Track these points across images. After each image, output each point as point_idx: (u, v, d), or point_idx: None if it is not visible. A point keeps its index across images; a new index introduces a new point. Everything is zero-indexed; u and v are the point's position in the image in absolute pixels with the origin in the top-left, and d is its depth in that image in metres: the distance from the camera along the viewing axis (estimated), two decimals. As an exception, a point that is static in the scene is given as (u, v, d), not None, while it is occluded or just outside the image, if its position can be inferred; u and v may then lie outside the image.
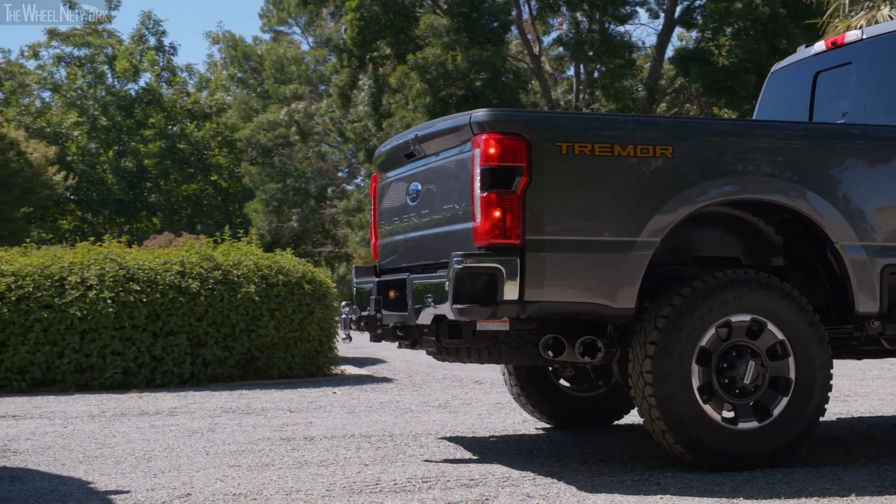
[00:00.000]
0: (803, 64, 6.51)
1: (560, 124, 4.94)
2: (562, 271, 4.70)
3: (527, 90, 30.98)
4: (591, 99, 30.94)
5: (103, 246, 10.36)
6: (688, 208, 4.82)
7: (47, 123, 45.82)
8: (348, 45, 29.41)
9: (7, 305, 9.22)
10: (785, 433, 4.91)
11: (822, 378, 4.97)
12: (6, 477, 4.98)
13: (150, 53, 47.32)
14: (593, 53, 29.37)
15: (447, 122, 5.18)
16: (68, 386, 9.29)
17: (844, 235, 5.05)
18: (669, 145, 4.86)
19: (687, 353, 4.77)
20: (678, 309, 4.77)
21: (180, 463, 5.31)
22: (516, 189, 4.63)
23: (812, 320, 4.98)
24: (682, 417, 4.76)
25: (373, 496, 4.42)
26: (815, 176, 5.06)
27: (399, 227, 5.81)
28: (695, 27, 29.06)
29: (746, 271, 4.97)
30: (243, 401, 8.31)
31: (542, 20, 31.41)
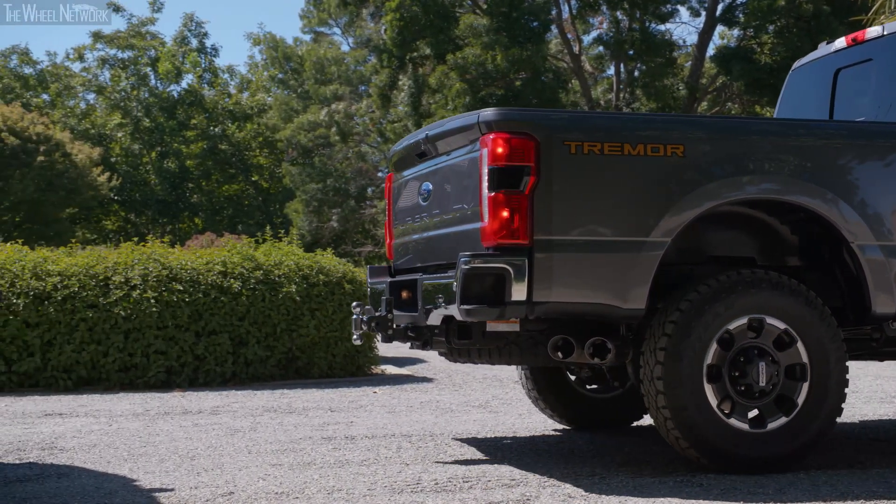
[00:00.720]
0: (824, 61, 6.42)
1: (569, 123, 4.90)
2: (570, 272, 4.66)
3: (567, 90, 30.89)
4: (631, 98, 30.78)
5: (147, 246, 10.47)
6: (699, 208, 4.76)
7: (92, 125, 46.38)
8: (388, 46, 29.49)
9: (53, 305, 9.34)
10: (807, 429, 4.83)
11: (837, 372, 4.88)
12: (53, 474, 5.06)
13: (192, 55, 47.74)
14: (633, 52, 29.23)
15: (456, 121, 5.14)
16: (113, 385, 9.40)
17: (861, 235, 4.96)
18: (681, 144, 4.80)
19: (697, 357, 4.71)
20: (687, 314, 4.71)
21: (223, 461, 5.35)
22: (524, 189, 4.59)
23: (822, 314, 4.88)
24: (694, 421, 4.70)
25: (414, 496, 4.43)
26: (831, 175, 4.99)
27: (412, 227, 5.79)
28: (736, 25, 28.83)
29: (754, 272, 4.88)
30: (284, 400, 8.36)
31: (582, 19, 31.31)
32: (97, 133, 45.49)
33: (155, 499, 4.41)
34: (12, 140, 31.06)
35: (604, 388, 6.47)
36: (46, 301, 9.37)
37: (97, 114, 47.49)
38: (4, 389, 9.15)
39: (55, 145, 32.72)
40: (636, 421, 6.64)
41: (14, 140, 31.12)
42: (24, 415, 7.53)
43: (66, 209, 34.20)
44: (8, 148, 30.94)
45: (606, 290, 4.68)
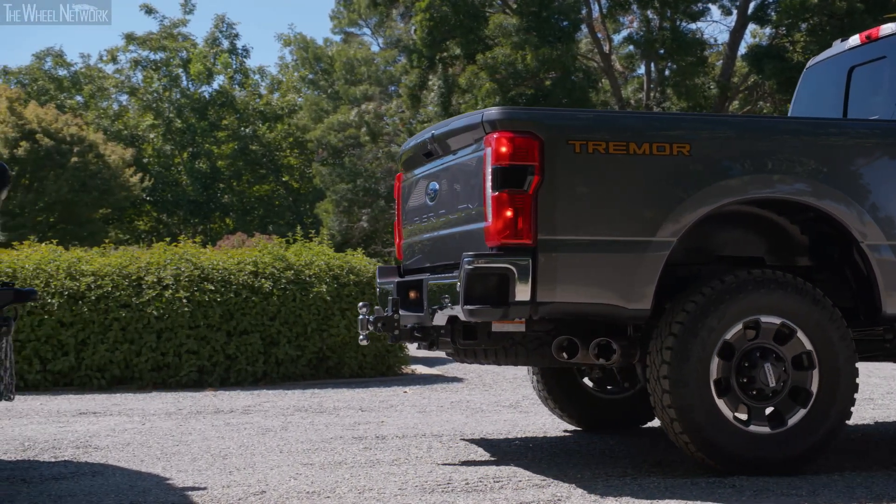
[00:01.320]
0: (838, 59, 6.34)
1: (573, 122, 4.88)
2: (575, 272, 4.62)
3: (597, 89, 30.79)
4: (661, 97, 30.63)
5: (179, 246, 10.54)
6: (706, 207, 4.72)
7: (124, 126, 46.75)
8: (418, 46, 29.52)
9: (87, 305, 9.43)
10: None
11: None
12: (88, 472, 5.10)
13: (223, 56, 48.01)
14: (664, 51, 29.08)
15: (461, 120, 5.12)
16: (146, 384, 9.47)
17: (871, 235, 4.90)
18: (687, 143, 4.76)
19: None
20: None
21: (255, 461, 5.38)
22: (528, 188, 4.56)
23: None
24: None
25: (444, 495, 4.43)
26: (840, 174, 4.93)
27: (420, 227, 5.77)
28: (769, 23, 28.60)
29: (765, 271, 4.83)
30: (315, 399, 8.39)
31: (612, 18, 31.19)
32: (130, 134, 45.85)
33: (188, 497, 4.44)
34: (47, 141, 31.37)
35: (614, 389, 6.42)
36: (80, 301, 9.46)
37: (130, 115, 47.86)
38: (39, 388, 9.25)
39: (88, 146, 33.02)
40: (648, 422, 6.59)
41: (48, 141, 31.44)
42: (58, 413, 7.61)
43: (99, 209, 34.49)
44: (42, 149, 31.26)
45: (611, 291, 4.65)
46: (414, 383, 9.95)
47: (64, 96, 48.15)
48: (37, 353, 9.32)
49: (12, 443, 6.11)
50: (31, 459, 5.53)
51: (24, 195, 31.09)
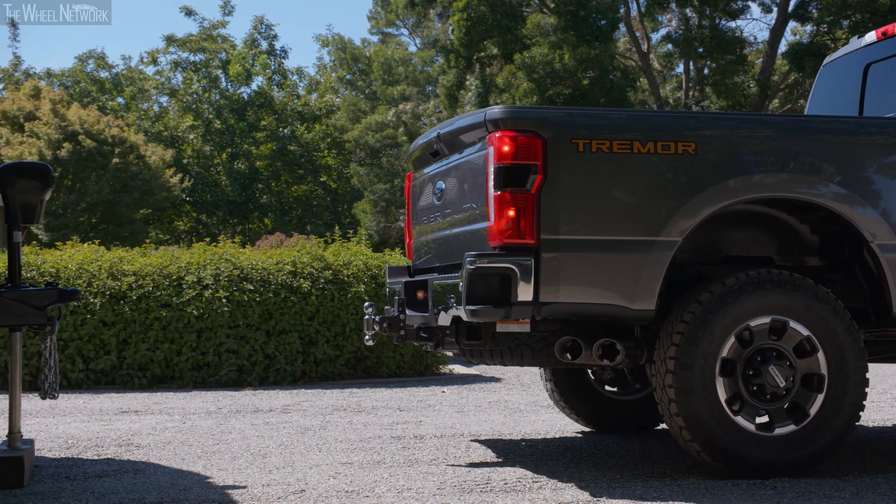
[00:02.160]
0: (854, 56, 6.24)
1: (576, 121, 4.82)
2: (578, 272, 4.58)
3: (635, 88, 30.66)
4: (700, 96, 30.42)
5: (218, 247, 10.62)
6: (711, 207, 4.66)
7: (165, 127, 47.19)
8: (455, 46, 29.54)
9: (129, 304, 9.53)
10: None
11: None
12: (130, 470, 5.16)
13: (262, 57, 48.31)
14: (703, 50, 28.88)
15: (466, 119, 5.09)
16: (186, 383, 9.55)
17: (881, 234, 4.82)
18: (692, 141, 4.70)
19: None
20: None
21: (294, 459, 5.41)
22: (531, 188, 4.53)
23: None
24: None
25: (483, 495, 4.43)
26: (849, 172, 4.85)
27: (428, 226, 5.75)
28: (809, 21, 28.31)
29: (770, 271, 4.77)
30: (354, 399, 8.42)
31: (650, 17, 31.02)
32: (170, 135, 46.27)
33: (228, 496, 4.48)
34: (89, 142, 31.74)
35: (626, 389, 6.37)
36: (122, 300, 9.56)
37: (170, 116, 48.30)
38: (82, 386, 9.37)
39: (129, 147, 33.37)
40: (661, 424, 6.53)
41: (90, 142, 31.80)
42: (101, 412, 7.70)
43: (139, 210, 34.82)
44: (85, 150, 31.63)
45: (615, 291, 4.61)
46: (452, 383, 9.96)
47: (106, 98, 48.71)
48: (80, 351, 9.44)
49: (56, 440, 6.19)
50: (75, 457, 5.60)
51: (66, 196, 31.48)
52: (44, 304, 4.79)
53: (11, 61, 49.83)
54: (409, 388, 9.36)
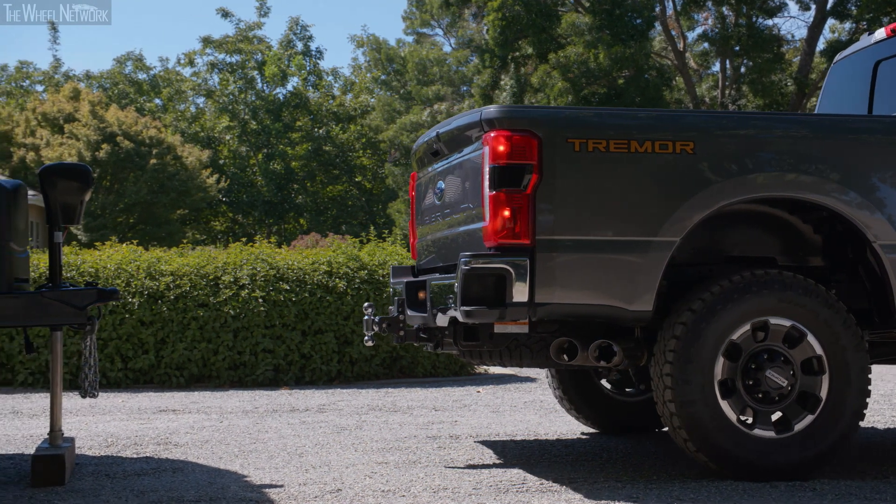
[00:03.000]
0: (864, 53, 6.14)
1: (573, 120, 4.76)
2: (574, 272, 4.53)
3: (671, 87, 30.50)
4: (737, 95, 30.21)
5: (255, 247, 10.69)
6: (710, 207, 4.60)
7: (201, 128, 47.57)
8: (490, 46, 29.54)
9: (166, 304, 9.61)
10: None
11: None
12: (169, 469, 5.21)
13: (297, 58, 48.58)
14: (740, 48, 28.69)
15: (463, 118, 5.04)
16: (223, 382, 9.62)
17: (884, 234, 4.73)
18: (690, 140, 4.63)
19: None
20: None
21: (330, 459, 5.44)
22: (526, 188, 4.48)
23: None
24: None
25: (519, 495, 4.43)
26: (852, 172, 4.76)
27: (430, 226, 5.72)
28: (848, 18, 28.04)
29: (768, 272, 4.71)
30: (389, 399, 8.44)
31: (686, 15, 30.85)
32: (206, 136, 46.64)
33: (265, 494, 4.51)
34: (127, 144, 32.07)
35: (632, 391, 6.32)
36: (160, 300, 9.65)
37: (206, 117, 48.69)
38: (121, 385, 9.46)
39: (167, 148, 33.69)
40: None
41: (129, 144, 32.13)
42: (139, 410, 7.77)
43: (176, 210, 35.14)
44: (123, 151, 31.96)
45: (612, 292, 4.55)
46: (487, 383, 9.96)
47: (143, 99, 49.20)
48: (118, 351, 9.53)
49: (96, 438, 6.26)
50: (115, 455, 5.66)
51: (105, 197, 31.83)
52: (84, 304, 4.83)
53: (52, 64, 50.51)
54: (445, 388, 9.37)
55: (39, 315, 4.82)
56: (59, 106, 34.39)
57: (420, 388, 9.42)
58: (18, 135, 33.88)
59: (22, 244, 5.08)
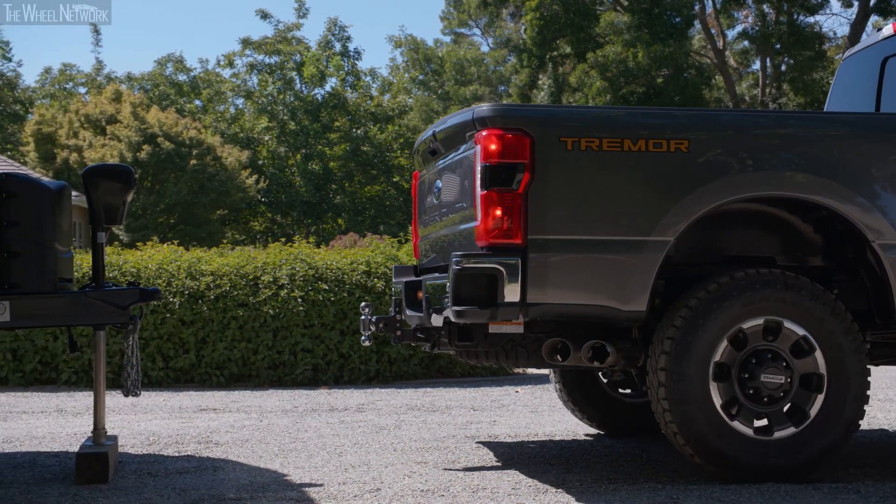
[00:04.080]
0: (872, 50, 6.04)
1: (565, 119, 4.72)
2: (567, 272, 4.48)
3: (710, 86, 30.28)
4: (777, 93, 29.94)
5: (294, 247, 10.75)
6: (705, 206, 4.54)
7: (240, 129, 47.90)
8: (528, 45, 29.50)
9: (206, 304, 9.69)
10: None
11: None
12: (209, 467, 5.25)
13: (335, 59, 48.78)
14: (780, 46, 28.42)
15: (457, 117, 5.01)
16: (262, 381, 9.68)
17: (884, 234, 4.66)
18: (685, 139, 4.58)
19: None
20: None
21: (369, 458, 5.46)
22: (518, 187, 4.44)
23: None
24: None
25: (558, 496, 4.42)
26: (849, 170, 4.68)
27: (430, 226, 5.70)
28: (892, 14, 27.67)
29: (759, 271, 4.65)
30: (427, 398, 8.46)
31: (726, 14, 30.61)
32: (245, 137, 46.96)
33: (305, 493, 4.53)
34: (167, 144, 32.38)
35: (636, 391, 6.26)
36: (200, 300, 9.73)
37: (245, 118, 49.02)
38: (162, 384, 9.55)
39: (206, 149, 33.96)
40: None
41: (169, 144, 32.43)
42: (180, 409, 7.84)
43: (216, 210, 35.42)
44: (163, 152, 32.27)
45: (605, 292, 4.51)
46: (525, 382, 9.94)
47: (184, 101, 49.62)
48: (160, 350, 9.62)
49: (138, 437, 6.32)
50: (156, 454, 5.72)
51: (146, 197, 32.15)
52: (126, 304, 4.88)
53: (94, 66, 51.10)
54: (483, 388, 9.36)
55: (83, 314, 4.88)
56: (101, 107, 34.78)
57: (458, 387, 9.43)
58: (62, 136, 34.30)
59: (66, 244, 5.15)
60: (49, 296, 4.80)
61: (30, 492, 4.63)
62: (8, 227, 4.72)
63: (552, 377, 6.39)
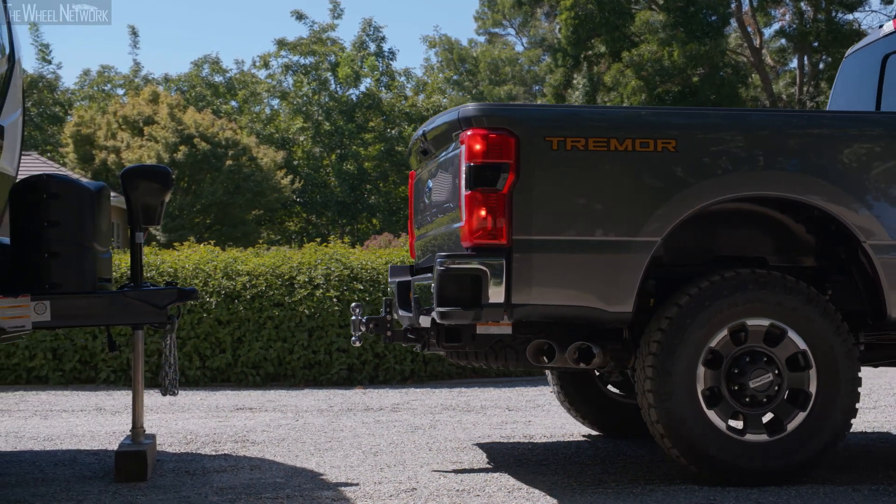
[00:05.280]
0: (873, 47, 5.95)
1: (550, 118, 4.66)
2: (552, 273, 4.44)
3: (747, 85, 30.05)
4: (815, 92, 29.65)
5: (329, 247, 10.79)
6: (692, 206, 4.49)
7: (276, 129, 48.16)
8: (563, 45, 29.43)
9: (243, 304, 9.75)
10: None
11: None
12: (246, 466, 5.29)
13: (370, 59, 48.92)
14: (818, 44, 28.15)
15: (443, 117, 4.96)
16: (298, 381, 9.73)
17: (875, 234, 4.59)
18: (672, 138, 4.53)
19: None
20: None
21: (405, 458, 5.47)
22: (502, 187, 4.40)
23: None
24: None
25: (595, 497, 4.41)
26: (838, 169, 4.61)
27: (423, 226, 5.68)
28: (932, 11, 27.30)
29: (753, 271, 4.60)
30: (462, 398, 8.46)
31: (762, 11, 30.37)
32: (280, 137, 47.20)
33: (341, 493, 4.55)
34: (204, 145, 32.61)
35: (631, 392, 6.20)
36: (236, 300, 9.79)
37: (281, 118, 49.29)
38: (199, 384, 9.62)
39: (242, 149, 34.18)
40: None
41: (205, 145, 32.67)
42: (217, 408, 7.90)
43: (252, 211, 35.62)
44: (200, 153, 32.51)
45: (590, 293, 4.47)
46: (560, 384, 9.91)
47: (220, 102, 49.96)
48: (196, 349, 9.70)
49: (176, 436, 6.38)
50: (194, 452, 5.76)
51: (182, 198, 32.41)
52: (164, 303, 4.93)
53: (132, 68, 51.57)
54: (518, 388, 9.35)
55: (122, 314, 4.92)
56: (138, 109, 35.10)
57: (493, 387, 9.42)
58: (100, 137, 34.66)
59: (105, 245, 5.20)
60: (89, 296, 4.85)
61: (70, 489, 4.68)
62: (48, 227, 4.78)
63: (549, 379, 6.36)
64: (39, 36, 49.02)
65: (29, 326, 4.67)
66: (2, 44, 4.89)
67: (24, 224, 4.81)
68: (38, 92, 47.76)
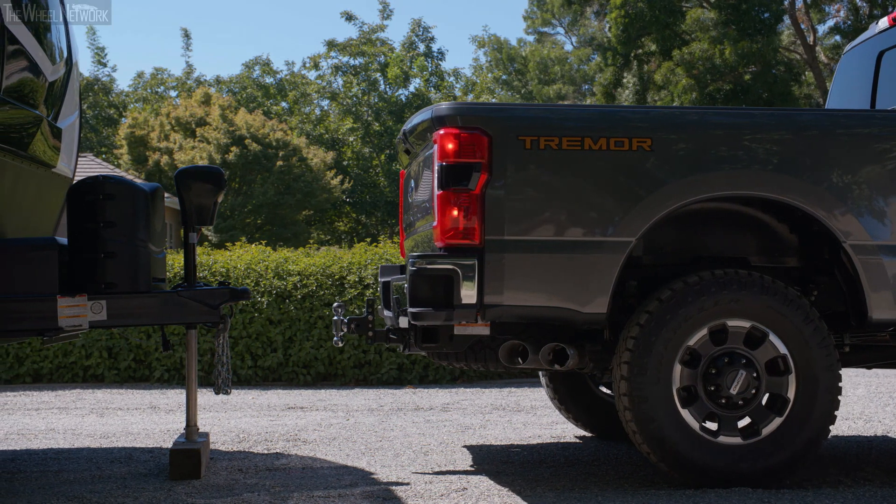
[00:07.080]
0: (869, 43, 5.85)
1: (524, 117, 4.57)
2: (525, 274, 4.38)
3: (800, 83, 29.68)
4: (871, 89, 29.17)
5: (378, 247, 10.83)
6: (668, 206, 4.41)
7: (326, 130, 48.43)
8: (613, 44, 29.27)
9: (293, 303, 9.82)
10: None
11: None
12: (298, 465, 5.33)
13: (419, 60, 49.03)
14: (874, 40, 27.68)
15: (419, 116, 4.92)
16: (348, 380, 9.78)
17: (855, 235, 4.49)
18: (648, 137, 4.45)
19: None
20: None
21: (455, 458, 5.48)
22: (475, 187, 4.35)
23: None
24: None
25: (647, 497, 4.38)
26: (818, 168, 4.52)
27: (410, 225, 5.65)
28: None
29: (736, 271, 4.51)
30: (512, 398, 8.45)
31: (816, 8, 29.97)
32: (330, 138, 47.47)
33: (392, 492, 4.57)
34: (255, 146, 32.91)
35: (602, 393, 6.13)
36: (287, 299, 9.87)
37: (330, 119, 49.57)
38: (251, 383, 9.71)
39: (292, 150, 34.43)
40: None
41: (256, 146, 32.96)
42: (269, 407, 7.97)
43: (302, 211, 35.86)
44: (251, 154, 32.81)
45: (563, 294, 4.40)
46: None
47: (270, 103, 50.37)
48: (248, 349, 9.79)
49: (229, 434, 6.44)
50: (246, 451, 5.82)
51: (234, 198, 32.72)
52: (217, 303, 4.98)
53: (184, 70, 52.21)
54: (568, 389, 9.32)
55: (176, 313, 4.98)
56: (191, 110, 35.51)
57: (543, 387, 9.39)
58: (153, 139, 35.12)
59: (159, 245, 5.27)
60: (143, 295, 4.91)
61: (126, 486, 4.75)
62: (104, 227, 4.84)
63: (542, 380, 6.31)
64: (96, 39, 49.81)
65: (86, 325, 4.74)
66: (60, 47, 4.98)
67: (80, 224, 4.88)
68: (93, 94, 48.52)
